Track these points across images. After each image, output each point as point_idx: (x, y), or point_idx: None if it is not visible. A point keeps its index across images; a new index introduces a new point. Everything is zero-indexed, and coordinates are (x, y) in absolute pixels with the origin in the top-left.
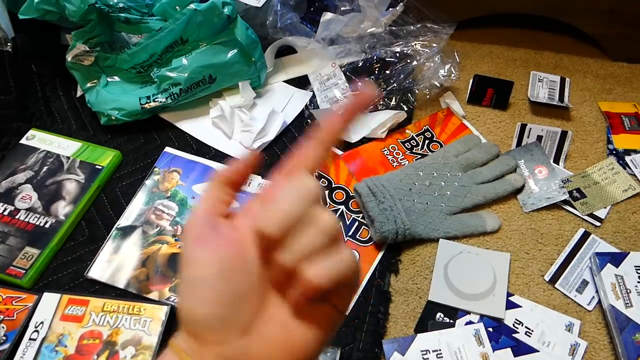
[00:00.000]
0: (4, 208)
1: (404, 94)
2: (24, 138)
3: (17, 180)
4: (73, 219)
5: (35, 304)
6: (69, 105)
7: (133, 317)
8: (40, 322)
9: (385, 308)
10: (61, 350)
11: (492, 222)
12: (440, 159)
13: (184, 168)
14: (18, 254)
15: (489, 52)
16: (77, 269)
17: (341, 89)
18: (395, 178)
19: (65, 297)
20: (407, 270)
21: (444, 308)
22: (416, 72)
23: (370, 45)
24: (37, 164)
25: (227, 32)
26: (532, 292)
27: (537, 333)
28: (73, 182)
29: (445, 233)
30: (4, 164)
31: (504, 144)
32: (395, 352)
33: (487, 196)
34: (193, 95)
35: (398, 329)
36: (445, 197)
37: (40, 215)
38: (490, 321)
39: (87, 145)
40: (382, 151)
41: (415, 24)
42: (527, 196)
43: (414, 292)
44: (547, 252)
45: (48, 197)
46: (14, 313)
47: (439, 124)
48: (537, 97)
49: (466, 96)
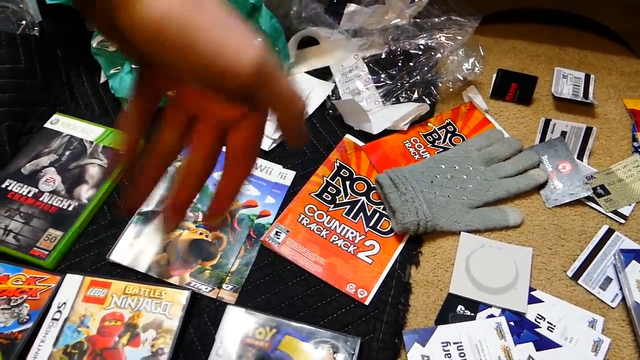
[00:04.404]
0: (28, 190)
1: (427, 87)
2: (49, 122)
3: (41, 164)
4: (95, 203)
5: (58, 284)
6: (93, 91)
7: (154, 301)
8: (62, 303)
9: (405, 299)
10: (83, 330)
11: (515, 216)
12: (463, 152)
13: None
14: (41, 235)
15: (512, 47)
16: (99, 252)
17: (363, 80)
18: (417, 170)
19: (88, 279)
20: (428, 262)
21: (464, 301)
22: (439, 65)
23: (394, 37)
24: (61, 148)
25: (252, 21)
26: (554, 288)
27: (560, 328)
28: (96, 167)
29: (467, 226)
30: (29, 147)
31: (526, 139)
32: (416, 343)
33: (510, 190)
34: None
35: (418, 321)
36: (467, 190)
37: (64, 198)
38: (511, 315)
39: (110, 131)
40: (404, 143)
41: (440, 17)
42: (550, 191)
43: (435, 284)
44: (570, 247)
45: (71, 180)
46: (37, 293)
47: (462, 118)
48: (561, 93)
49: (489, 90)
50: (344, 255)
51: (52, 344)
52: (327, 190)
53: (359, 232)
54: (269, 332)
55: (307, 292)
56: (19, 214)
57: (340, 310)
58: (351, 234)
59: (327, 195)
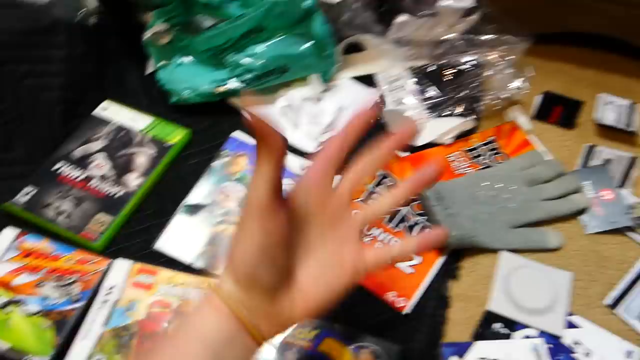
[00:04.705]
0: (78, 174)
1: (472, 103)
2: (99, 108)
3: (91, 149)
4: (143, 191)
5: (108, 268)
6: (141, 81)
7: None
8: (112, 286)
9: (443, 312)
10: (132, 314)
11: (555, 239)
12: (506, 171)
13: (251, 153)
14: (91, 218)
15: (555, 70)
16: (145, 240)
17: (409, 91)
18: (460, 185)
19: (136, 265)
20: (467, 278)
21: (502, 319)
22: (486, 82)
23: (442, 51)
24: (110, 135)
25: (305, 24)
26: (591, 314)
27: (596, 356)
28: (144, 156)
29: (507, 245)
30: (79, 131)
31: (568, 164)
32: (454, 356)
33: (550, 213)
34: (264, 84)
35: (455, 334)
36: (508, 209)
37: (113, 184)
38: (548, 338)
39: (158, 121)
40: (447, 157)
41: (491, 34)
42: (590, 218)
43: (473, 300)
44: (609, 275)
45: (120, 167)
46: (88, 274)
47: (504, 136)
48: (604, 119)
49: (532, 111)
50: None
51: (102, 324)
52: (370, 197)
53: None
54: (309, 332)
55: (347, 295)
56: (70, 197)
57: (379, 317)
58: (393, 243)
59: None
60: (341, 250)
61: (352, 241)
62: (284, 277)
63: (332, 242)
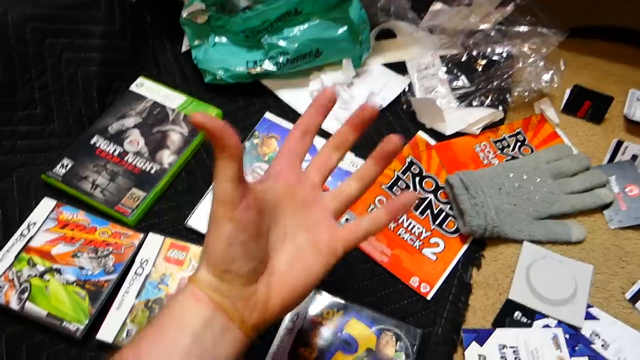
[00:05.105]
0: (114, 149)
1: (501, 94)
2: (134, 85)
3: (127, 125)
4: (176, 169)
5: (141, 242)
6: (175, 59)
7: None
8: (145, 260)
9: (465, 298)
10: (163, 288)
11: (578, 232)
12: (532, 163)
13: (282, 135)
14: (126, 193)
15: (585, 64)
16: (178, 216)
17: (440, 80)
18: (486, 175)
19: (168, 241)
20: (489, 266)
21: (522, 308)
22: (517, 74)
23: (475, 41)
24: (145, 112)
25: (341, 9)
26: (611, 307)
27: (614, 348)
28: (177, 134)
29: (530, 236)
30: (115, 107)
31: (594, 158)
32: (474, 342)
33: (575, 207)
34: (297, 66)
35: (476, 320)
36: (533, 201)
37: (147, 160)
38: (567, 328)
39: (191, 100)
40: (474, 147)
41: (525, 26)
42: (615, 213)
43: (494, 288)
44: (630, 270)
45: (154, 144)
46: (122, 247)
47: (532, 129)
48: (634, 115)
49: (561, 105)
50: (409, 249)
51: (134, 296)
52: (397, 184)
53: (425, 228)
54: (336, 312)
55: (371, 279)
56: (105, 171)
57: (403, 302)
58: (417, 229)
59: (397, 189)
60: (315, 232)
61: (326, 223)
62: (258, 263)
63: (305, 226)
